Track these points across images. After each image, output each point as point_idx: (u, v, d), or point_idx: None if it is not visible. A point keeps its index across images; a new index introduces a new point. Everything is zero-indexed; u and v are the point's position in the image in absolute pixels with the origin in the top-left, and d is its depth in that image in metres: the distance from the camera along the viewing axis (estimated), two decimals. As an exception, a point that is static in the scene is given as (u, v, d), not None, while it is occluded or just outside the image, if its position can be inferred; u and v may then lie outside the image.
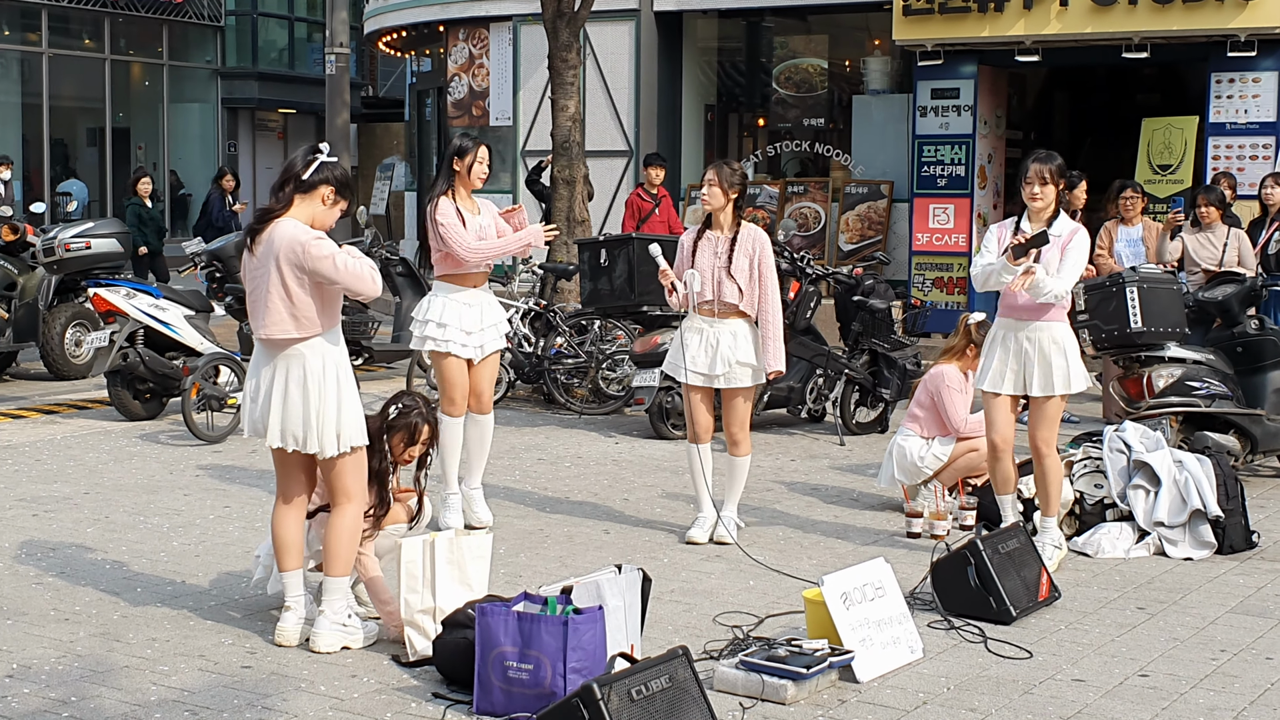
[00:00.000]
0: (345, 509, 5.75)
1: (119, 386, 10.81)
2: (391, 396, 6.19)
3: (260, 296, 5.66)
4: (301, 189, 5.70)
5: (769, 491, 8.81)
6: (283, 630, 5.75)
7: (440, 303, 7.60)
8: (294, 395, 5.64)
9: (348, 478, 5.73)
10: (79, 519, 7.83)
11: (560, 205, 14.05)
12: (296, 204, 5.70)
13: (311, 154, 5.76)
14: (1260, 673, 5.60)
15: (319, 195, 5.72)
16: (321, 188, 5.71)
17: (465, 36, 19.93)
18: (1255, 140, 14.85)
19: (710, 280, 7.40)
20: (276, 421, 5.67)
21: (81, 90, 29.43)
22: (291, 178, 5.72)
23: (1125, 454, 7.72)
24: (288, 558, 5.82)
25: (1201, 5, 14.40)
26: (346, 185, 5.81)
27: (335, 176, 5.74)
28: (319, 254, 5.56)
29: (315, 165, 5.72)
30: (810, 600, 5.68)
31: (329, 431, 5.64)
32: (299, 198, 5.70)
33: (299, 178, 5.70)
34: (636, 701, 4.46)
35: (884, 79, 18.34)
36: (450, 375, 7.63)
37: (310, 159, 5.73)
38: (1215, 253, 10.78)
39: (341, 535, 5.73)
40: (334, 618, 5.70)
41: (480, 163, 7.66)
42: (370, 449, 5.90)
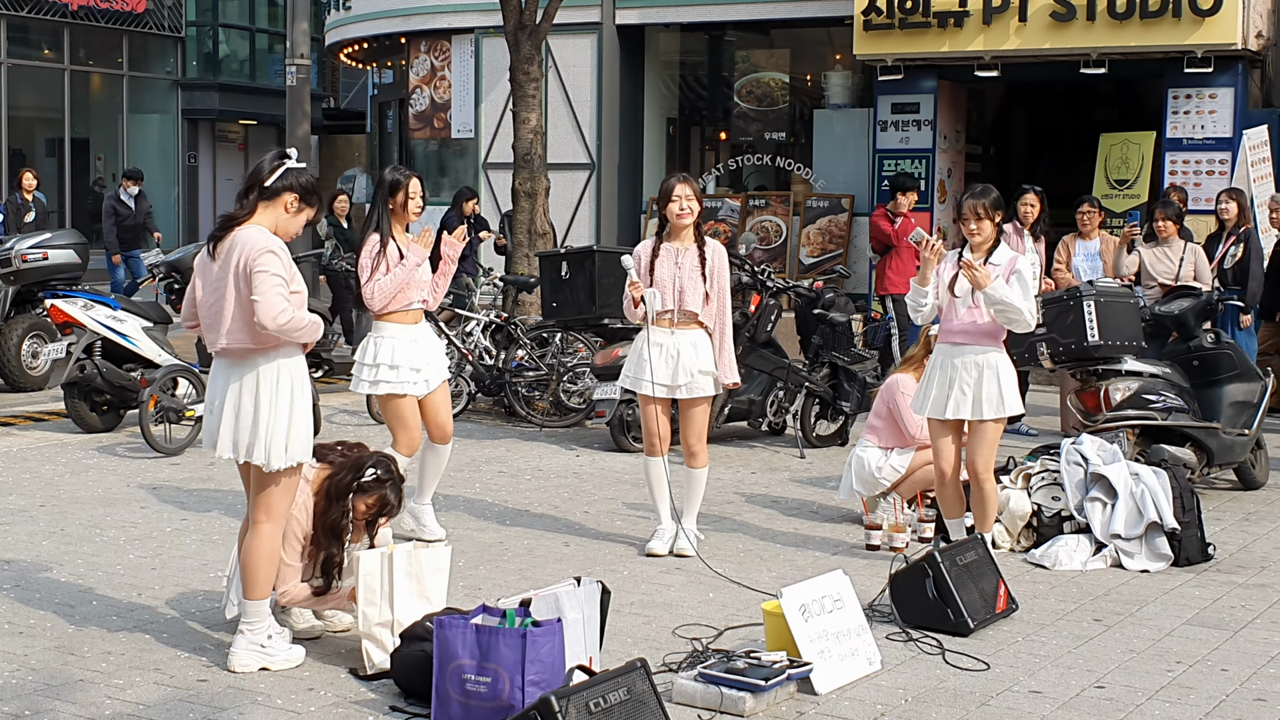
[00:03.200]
0: (264, 528, 5.62)
1: (76, 398, 10.73)
2: (370, 455, 6.02)
3: (219, 307, 5.57)
4: (265, 195, 5.63)
5: (729, 504, 8.82)
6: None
7: (388, 345, 7.47)
8: (246, 405, 5.56)
9: (278, 495, 5.62)
10: (34, 531, 7.77)
11: (522, 218, 14.05)
12: (260, 210, 5.63)
13: (278, 160, 5.69)
14: (1216, 684, 5.64)
15: (283, 202, 5.65)
16: (285, 194, 5.64)
17: (427, 48, 19.92)
18: (1212, 155, 14.99)
19: (671, 291, 7.41)
20: (228, 431, 5.59)
21: (40, 101, 29.25)
22: (256, 184, 5.64)
23: (1083, 467, 7.76)
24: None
25: (1159, 22, 14.54)
26: (311, 192, 5.74)
27: (300, 184, 5.67)
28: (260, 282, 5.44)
29: (280, 171, 5.65)
30: (769, 612, 5.69)
31: (277, 444, 5.54)
32: (263, 204, 5.63)
33: (263, 184, 5.63)
34: (595, 714, 4.45)
35: (845, 93, 18.43)
36: (406, 416, 7.55)
37: (275, 165, 5.67)
38: (1172, 267, 10.85)
39: (260, 557, 5.60)
40: (253, 638, 5.58)
41: (413, 197, 7.54)
42: (331, 503, 5.84)
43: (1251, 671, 5.80)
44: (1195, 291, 10.15)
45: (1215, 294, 10.14)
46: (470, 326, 12.00)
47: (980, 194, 7.13)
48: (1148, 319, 9.70)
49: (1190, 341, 9.65)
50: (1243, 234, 11.52)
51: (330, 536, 5.84)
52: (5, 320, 12.85)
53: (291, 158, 5.73)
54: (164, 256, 12.21)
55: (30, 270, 12.74)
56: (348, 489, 5.85)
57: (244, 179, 5.80)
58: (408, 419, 7.57)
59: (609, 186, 18.47)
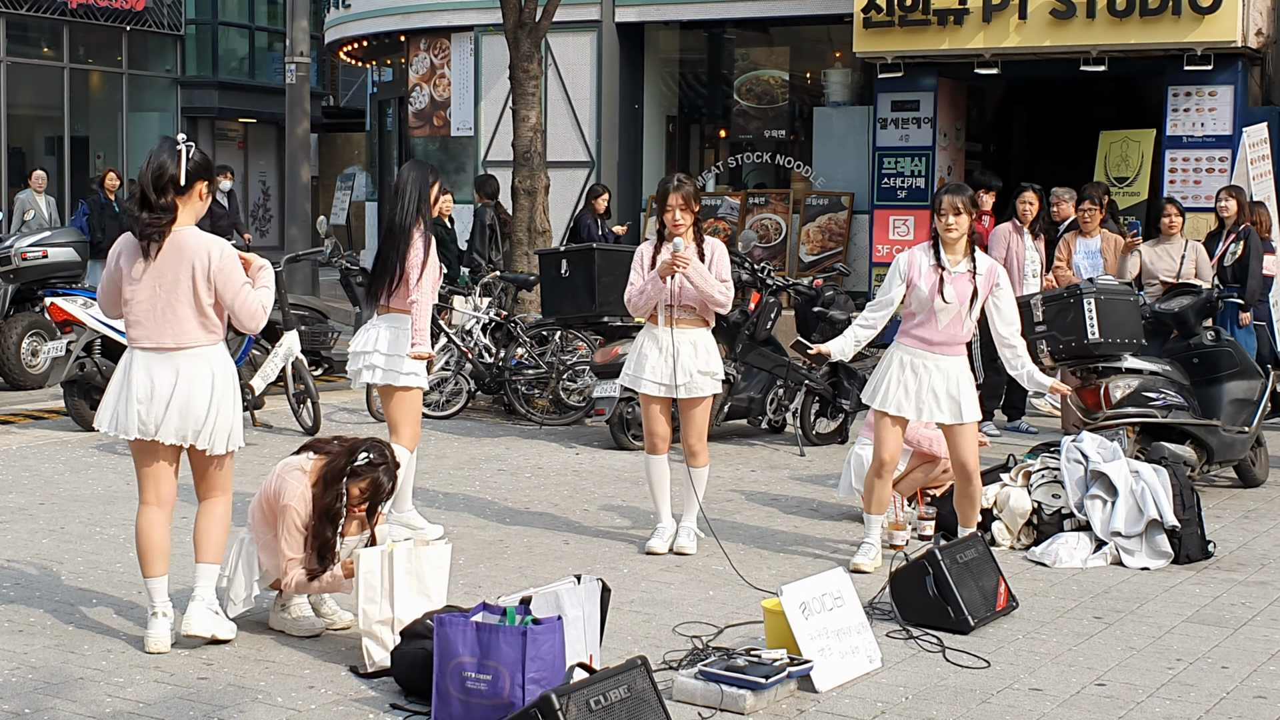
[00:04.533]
0: (220, 500, 5.91)
1: (75, 396, 10.73)
2: (364, 440, 6.02)
3: (165, 304, 5.67)
4: (182, 192, 5.66)
5: (729, 502, 8.82)
6: (155, 637, 5.72)
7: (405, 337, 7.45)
8: (198, 397, 5.68)
9: (227, 474, 5.91)
10: (34, 530, 7.77)
11: (521, 216, 14.05)
12: (182, 208, 5.68)
13: (175, 152, 5.65)
14: (1216, 682, 5.64)
15: (197, 192, 5.71)
16: (198, 184, 5.70)
17: (426, 46, 19.92)
18: (1211, 153, 15.00)
19: (672, 290, 7.40)
20: (173, 421, 5.67)
21: (40, 98, 29.24)
22: (169, 183, 5.63)
23: (1083, 464, 7.76)
24: (157, 563, 5.81)
25: (1159, 19, 14.54)
26: (212, 165, 5.83)
27: (204, 167, 5.72)
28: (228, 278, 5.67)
29: (190, 165, 5.65)
30: (769, 610, 5.69)
31: (222, 431, 5.75)
32: (181, 200, 5.67)
33: (177, 182, 5.64)
34: (595, 712, 4.45)
35: (845, 91, 18.43)
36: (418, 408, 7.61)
37: (176, 156, 5.64)
38: (1173, 265, 10.85)
39: (214, 523, 5.88)
40: (208, 603, 5.78)
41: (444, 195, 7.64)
42: (326, 488, 5.85)
43: (1252, 669, 5.80)
44: (1195, 289, 10.15)
45: (1215, 291, 10.14)
46: (469, 324, 11.99)
47: (957, 190, 7.17)
48: (1148, 316, 9.70)
49: (1190, 339, 9.64)
50: (1242, 231, 11.52)
51: (325, 520, 5.87)
52: (5, 318, 12.86)
53: (180, 143, 5.70)
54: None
55: (30, 268, 12.75)
56: (341, 473, 5.87)
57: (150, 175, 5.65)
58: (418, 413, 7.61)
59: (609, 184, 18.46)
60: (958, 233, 7.08)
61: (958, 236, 7.09)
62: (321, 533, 5.86)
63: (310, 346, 11.76)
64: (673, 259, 7.29)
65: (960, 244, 7.10)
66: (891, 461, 7.22)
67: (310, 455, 5.99)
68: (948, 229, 7.08)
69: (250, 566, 5.97)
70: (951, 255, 7.11)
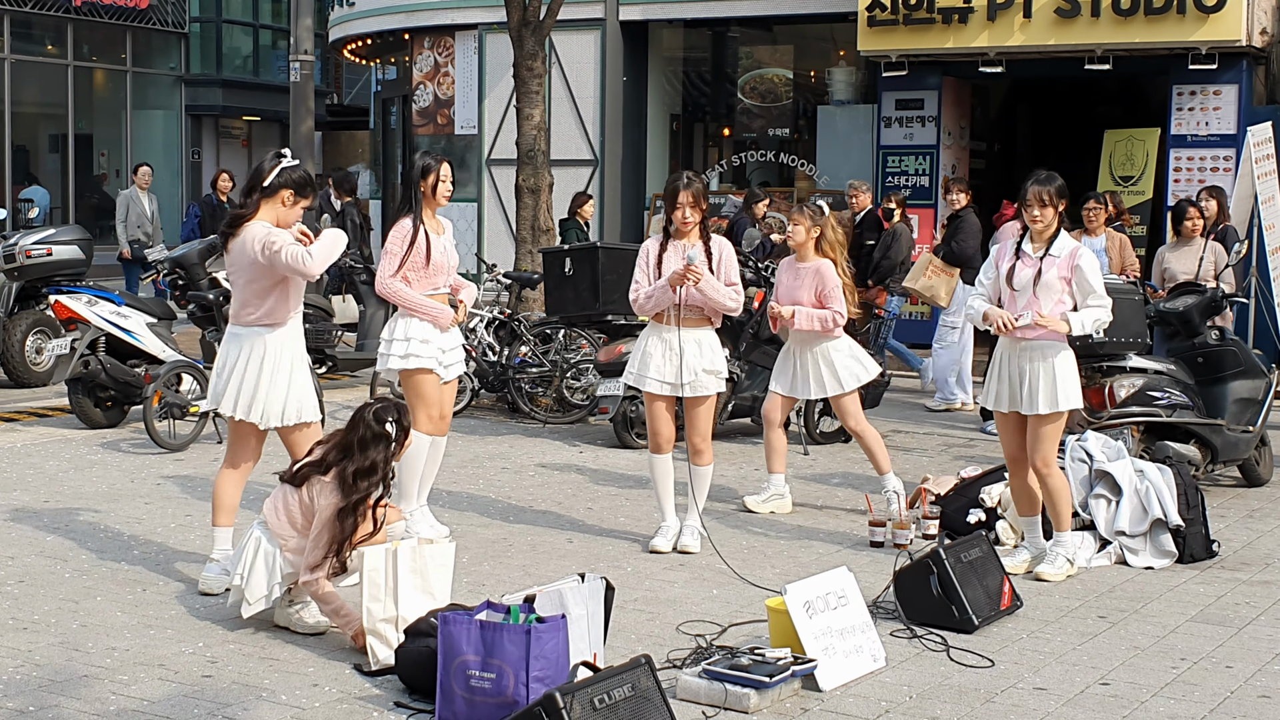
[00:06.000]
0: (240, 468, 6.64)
1: (80, 394, 10.74)
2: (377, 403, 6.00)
3: (236, 288, 6.54)
4: (265, 194, 6.49)
5: (733, 500, 8.82)
6: (206, 579, 6.50)
7: (420, 323, 7.48)
8: (250, 372, 6.45)
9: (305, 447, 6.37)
10: (39, 527, 7.77)
11: (525, 215, 14.04)
12: (263, 208, 6.49)
13: (275, 160, 6.55)
14: (1220, 681, 5.63)
15: (280, 198, 6.50)
16: (282, 191, 6.50)
17: (430, 44, 19.91)
18: (1216, 152, 14.98)
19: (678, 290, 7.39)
20: (233, 393, 6.48)
21: (44, 96, 29.27)
22: (256, 184, 6.50)
23: (1087, 463, 7.76)
24: (223, 515, 6.61)
25: (1163, 18, 14.52)
26: (306, 184, 6.58)
27: (294, 179, 6.52)
28: (272, 249, 6.32)
29: (276, 171, 6.49)
30: (773, 609, 5.69)
31: (275, 407, 6.47)
32: (264, 202, 6.49)
33: (262, 185, 6.48)
34: (599, 710, 4.45)
35: (849, 90, 18.42)
36: (430, 394, 7.54)
37: (273, 165, 6.52)
38: (1192, 266, 10.85)
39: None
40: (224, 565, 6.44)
41: (444, 180, 7.56)
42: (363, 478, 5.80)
43: (1256, 668, 5.80)
44: (1200, 288, 10.14)
45: (1219, 291, 10.12)
46: (474, 323, 11.99)
47: (1046, 180, 7.06)
48: (1152, 316, 9.69)
49: (1195, 338, 9.64)
50: (1220, 231, 11.55)
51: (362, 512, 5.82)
52: (10, 316, 12.86)
53: (287, 156, 6.59)
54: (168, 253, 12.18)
55: (34, 266, 12.74)
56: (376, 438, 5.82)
57: (247, 179, 6.67)
58: (431, 396, 7.55)
59: (612, 183, 18.46)
60: (1043, 224, 7.02)
61: (1043, 228, 7.04)
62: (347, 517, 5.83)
63: (314, 344, 11.75)
64: (685, 270, 7.27)
65: (1046, 235, 7.06)
66: (1019, 456, 7.14)
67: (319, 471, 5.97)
68: (1034, 220, 7.04)
69: (270, 567, 5.93)
70: (1035, 243, 7.09)
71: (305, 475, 5.93)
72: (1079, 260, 7.00)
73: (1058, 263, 6.99)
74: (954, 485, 8.19)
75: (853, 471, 9.86)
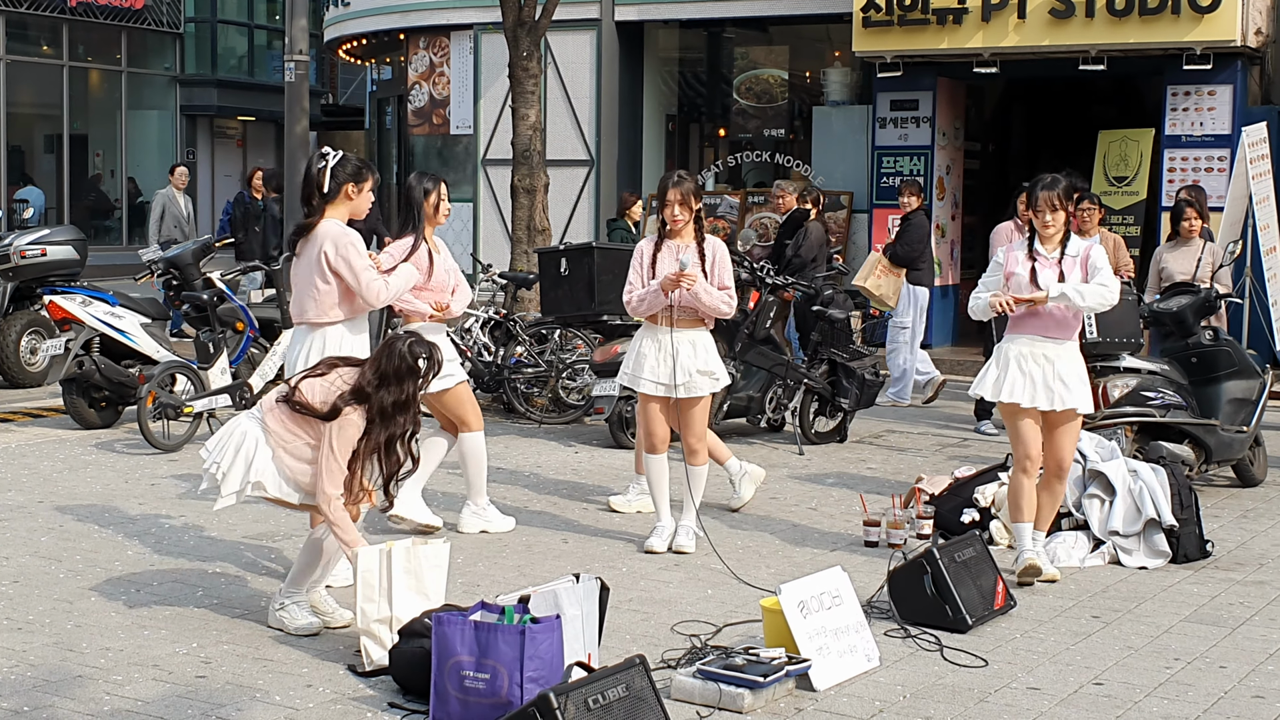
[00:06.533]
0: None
1: (74, 395, 10.73)
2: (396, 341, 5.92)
3: (304, 287, 6.67)
4: (329, 199, 6.66)
5: (727, 500, 8.81)
6: None
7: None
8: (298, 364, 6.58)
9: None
10: (33, 528, 7.77)
11: (521, 215, 14.04)
12: (329, 211, 6.67)
13: (321, 162, 6.65)
14: (1214, 681, 5.64)
15: (344, 194, 6.68)
16: (344, 188, 6.67)
17: (426, 44, 19.91)
18: (1211, 153, 14.99)
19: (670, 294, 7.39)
20: None
21: (39, 97, 29.23)
22: (314, 193, 6.66)
23: (1081, 463, 7.77)
24: None
25: (1158, 19, 14.53)
26: (361, 169, 6.74)
27: (348, 173, 6.68)
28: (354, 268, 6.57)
29: (329, 174, 6.63)
30: (768, 609, 5.69)
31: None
32: (329, 206, 6.67)
33: (323, 192, 6.64)
34: (593, 710, 4.46)
35: (844, 90, 18.42)
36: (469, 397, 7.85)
37: (321, 169, 6.63)
38: (1190, 266, 10.85)
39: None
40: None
41: (444, 200, 7.75)
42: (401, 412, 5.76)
43: (1250, 668, 5.81)
44: (1194, 288, 10.15)
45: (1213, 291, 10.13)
46: (469, 323, 12.00)
47: (1052, 184, 7.05)
48: (1146, 316, 9.70)
49: (1189, 338, 9.65)
50: (1201, 232, 11.57)
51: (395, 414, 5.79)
52: (4, 316, 12.85)
53: (329, 155, 6.69)
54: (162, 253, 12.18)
55: (29, 266, 12.74)
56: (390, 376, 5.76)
57: (301, 186, 6.79)
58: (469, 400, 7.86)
59: (608, 183, 18.47)
60: (1054, 228, 7.03)
61: (1054, 231, 7.05)
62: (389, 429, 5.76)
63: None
64: (679, 277, 7.27)
65: (1056, 239, 7.07)
66: (1037, 458, 7.07)
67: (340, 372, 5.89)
68: (1045, 225, 7.04)
69: (249, 464, 5.83)
70: (1047, 245, 7.10)
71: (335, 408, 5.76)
72: (1092, 253, 7.06)
73: (1077, 261, 7.02)
74: (948, 485, 8.19)
75: (847, 471, 9.87)
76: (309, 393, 5.83)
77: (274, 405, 5.92)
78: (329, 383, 5.84)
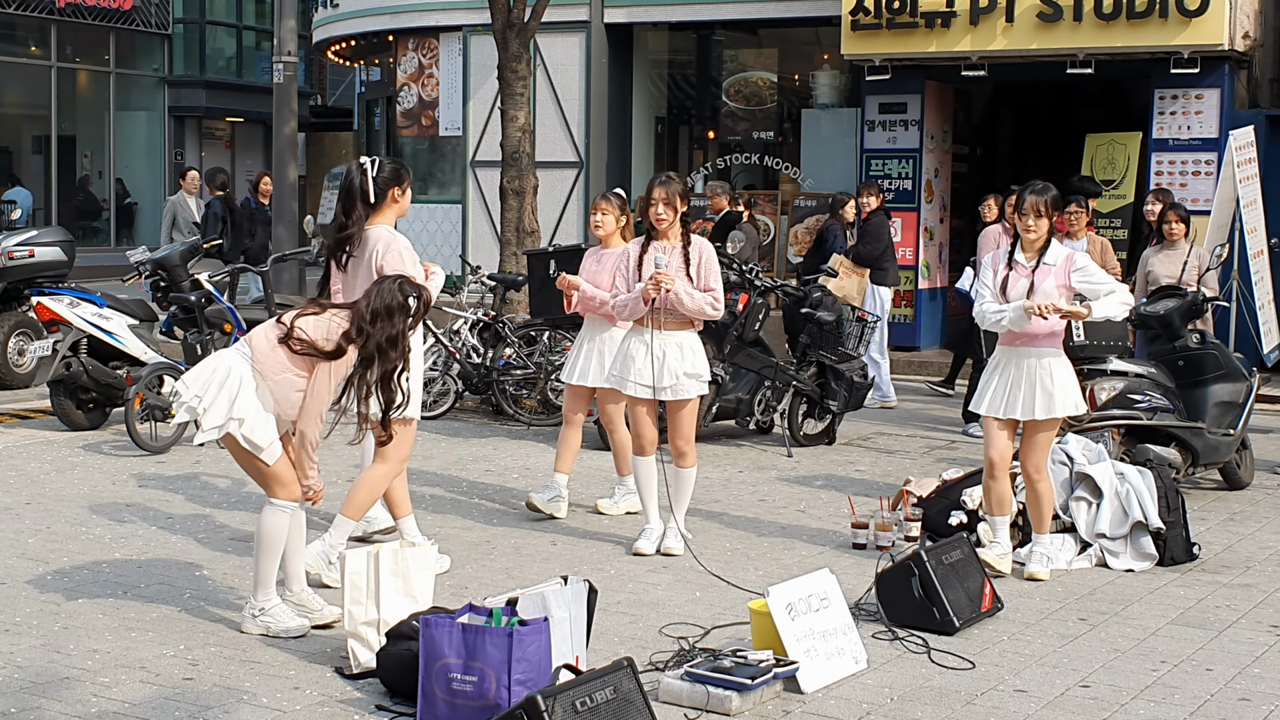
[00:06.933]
0: (379, 465, 6.78)
1: (62, 396, 10.71)
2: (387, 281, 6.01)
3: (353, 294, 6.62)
4: (375, 208, 6.76)
5: (716, 502, 8.83)
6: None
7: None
8: None
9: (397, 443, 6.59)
10: (20, 529, 7.75)
11: (510, 217, 14.03)
12: (377, 218, 6.78)
13: (361, 172, 6.72)
14: (1200, 684, 5.66)
15: (390, 199, 6.80)
16: (389, 193, 6.79)
17: (415, 46, 19.89)
18: (1198, 156, 15.02)
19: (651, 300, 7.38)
20: None
21: (27, 97, 29.17)
22: (357, 202, 6.71)
23: (1068, 466, 7.79)
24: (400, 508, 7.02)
25: (1145, 23, 14.56)
26: (399, 171, 6.85)
27: (387, 177, 6.79)
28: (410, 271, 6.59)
29: (372, 181, 6.72)
30: (756, 611, 5.70)
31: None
32: (375, 214, 6.76)
33: (369, 202, 6.73)
34: (581, 713, 4.46)
35: (833, 93, 18.44)
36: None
37: (363, 178, 6.70)
38: (1176, 270, 10.88)
39: (362, 484, 6.78)
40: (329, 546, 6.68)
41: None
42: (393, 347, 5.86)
43: (1236, 671, 5.82)
44: (1181, 292, 10.18)
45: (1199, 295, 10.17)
46: (458, 324, 11.99)
47: (1041, 191, 7.07)
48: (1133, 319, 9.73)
49: (1176, 341, 9.67)
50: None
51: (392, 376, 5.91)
52: (-9, 317, 12.82)
53: (367, 164, 6.77)
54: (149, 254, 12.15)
55: (16, 267, 12.70)
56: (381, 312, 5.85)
57: (341, 196, 6.80)
58: None
59: (597, 185, 18.45)
60: (1035, 234, 7.05)
61: (1035, 239, 7.07)
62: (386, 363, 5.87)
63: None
64: (655, 278, 7.22)
65: (1038, 245, 7.09)
66: (1001, 460, 7.16)
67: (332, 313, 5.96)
68: (1027, 230, 7.05)
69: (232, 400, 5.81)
70: (1026, 253, 7.12)
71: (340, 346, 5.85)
72: (1076, 263, 7.06)
73: (1054, 271, 7.03)
74: (936, 487, 8.20)
75: (835, 474, 9.88)
76: (310, 330, 5.88)
77: (272, 345, 5.89)
78: (326, 321, 5.91)
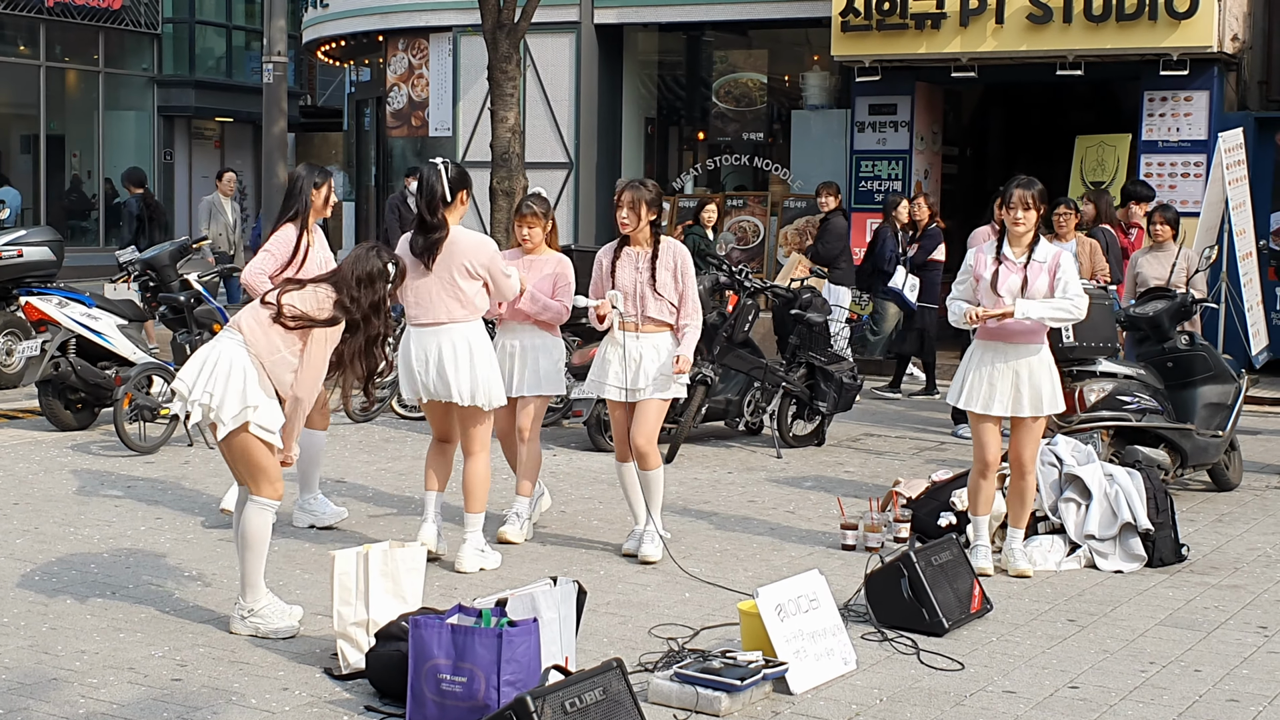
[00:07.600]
0: (479, 457, 7.21)
1: (50, 396, 10.68)
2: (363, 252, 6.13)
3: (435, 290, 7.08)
4: (450, 206, 7.06)
5: (705, 503, 8.83)
6: (424, 536, 7.13)
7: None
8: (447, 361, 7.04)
9: (480, 430, 7.17)
10: (8, 530, 7.73)
11: (499, 217, 14.03)
12: (450, 218, 7.08)
13: (435, 174, 7.02)
14: (1189, 685, 5.66)
15: (459, 200, 7.10)
16: (459, 194, 7.11)
17: (405, 46, 19.88)
18: (1187, 158, 15.05)
19: (633, 295, 7.36)
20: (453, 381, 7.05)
21: (15, 97, 29.10)
22: (439, 202, 7.03)
23: (1057, 467, 7.79)
24: (431, 480, 7.37)
25: (1135, 24, 14.59)
26: (465, 173, 7.20)
27: (453, 180, 7.08)
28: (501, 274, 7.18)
29: (448, 183, 7.01)
30: (745, 612, 5.70)
31: (465, 388, 7.04)
32: (450, 213, 7.07)
33: (446, 200, 7.03)
34: (570, 714, 4.46)
35: (823, 94, 18.45)
36: None
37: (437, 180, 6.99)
38: (1164, 272, 10.90)
39: (477, 480, 7.21)
40: (476, 545, 7.11)
41: (333, 193, 7.85)
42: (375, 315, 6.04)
43: (1224, 672, 5.83)
44: (1170, 293, 10.20)
45: (1189, 296, 10.19)
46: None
47: (1028, 184, 7.07)
48: (1122, 320, 9.74)
49: (1165, 343, 9.69)
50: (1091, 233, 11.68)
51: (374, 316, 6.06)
52: (-21, 317, 12.79)
53: (443, 166, 7.06)
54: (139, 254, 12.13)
55: (5, 267, 12.67)
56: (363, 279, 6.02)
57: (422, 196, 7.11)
58: None
59: (587, 186, 18.46)
60: (1024, 227, 7.04)
61: (1024, 232, 7.05)
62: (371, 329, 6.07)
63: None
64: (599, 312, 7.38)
65: (1026, 239, 7.07)
66: (994, 461, 7.17)
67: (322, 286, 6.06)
68: (1015, 222, 7.04)
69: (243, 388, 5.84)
70: (1015, 248, 7.10)
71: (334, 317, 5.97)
72: (1061, 261, 7.07)
73: (1044, 268, 7.03)
74: (925, 489, 8.21)
75: (825, 475, 9.88)
76: (300, 305, 5.94)
77: (264, 327, 5.92)
78: (312, 293, 5.99)
